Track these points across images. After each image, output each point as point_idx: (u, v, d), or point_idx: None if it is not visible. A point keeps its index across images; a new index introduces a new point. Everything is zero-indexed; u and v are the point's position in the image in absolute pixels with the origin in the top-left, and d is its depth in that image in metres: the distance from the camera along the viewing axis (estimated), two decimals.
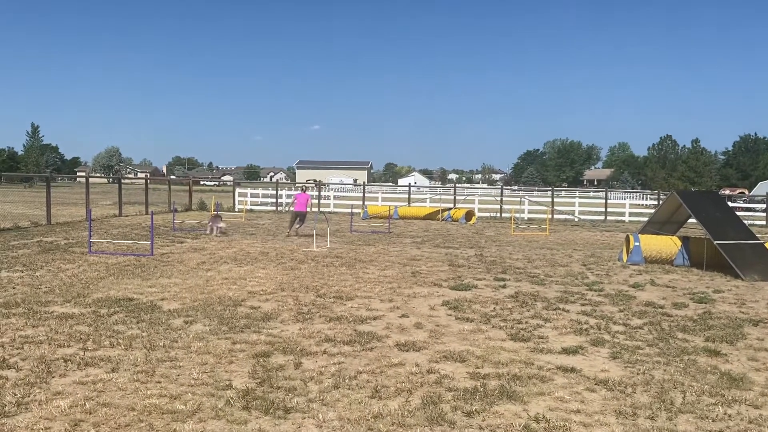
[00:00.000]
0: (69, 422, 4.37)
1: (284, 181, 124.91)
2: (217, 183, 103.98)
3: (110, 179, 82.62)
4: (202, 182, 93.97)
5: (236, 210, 30.67)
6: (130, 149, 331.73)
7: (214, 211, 23.96)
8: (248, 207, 31.63)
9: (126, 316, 7.47)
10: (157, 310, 7.89)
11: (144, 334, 6.72)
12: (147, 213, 25.53)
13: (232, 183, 43.37)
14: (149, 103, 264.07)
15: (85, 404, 4.68)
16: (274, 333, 6.90)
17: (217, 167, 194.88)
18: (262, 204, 34.19)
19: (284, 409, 4.69)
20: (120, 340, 6.41)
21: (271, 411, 4.64)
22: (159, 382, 5.22)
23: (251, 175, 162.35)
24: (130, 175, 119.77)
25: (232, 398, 4.87)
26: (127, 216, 24.96)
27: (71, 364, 5.64)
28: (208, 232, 18.13)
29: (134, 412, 4.56)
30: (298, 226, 18.48)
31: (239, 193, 34.05)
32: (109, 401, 4.76)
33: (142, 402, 4.75)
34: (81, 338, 6.48)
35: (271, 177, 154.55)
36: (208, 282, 9.99)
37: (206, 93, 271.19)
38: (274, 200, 33.45)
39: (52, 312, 7.63)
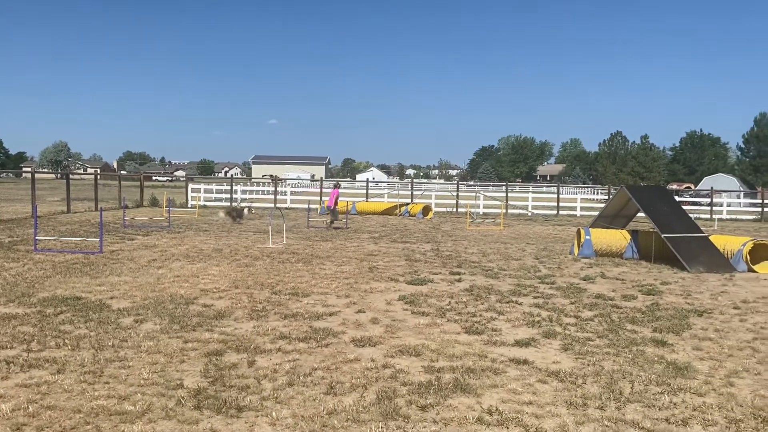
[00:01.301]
0: (11, 426, 4.21)
1: (239, 176, 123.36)
2: (169, 178, 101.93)
3: (58, 175, 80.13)
4: (154, 178, 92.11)
5: (189, 206, 30.14)
6: (79, 144, 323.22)
7: (166, 206, 23.47)
8: (202, 203, 31.12)
9: (73, 316, 7.25)
10: (106, 309, 7.68)
11: (92, 333, 6.53)
12: (96, 209, 24.85)
13: (185, 178, 42.58)
14: (99, 96, 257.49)
15: (28, 407, 4.52)
16: (227, 331, 6.80)
17: (170, 162, 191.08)
18: (216, 200, 33.68)
19: (237, 407, 4.62)
20: (66, 341, 6.21)
21: (223, 410, 4.57)
22: (107, 383, 5.08)
23: (205, 170, 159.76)
24: (79, 171, 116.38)
25: (183, 398, 4.77)
26: (75, 212, 24.25)
27: (14, 366, 5.43)
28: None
29: (80, 414, 4.43)
30: (329, 220, 19.60)
31: (192, 188, 33.46)
32: (53, 404, 4.61)
33: (88, 404, 4.62)
34: (25, 339, 6.25)
35: (226, 172, 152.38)
36: (159, 280, 9.78)
37: (158, 86, 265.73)
38: (228, 196, 32.99)
39: None
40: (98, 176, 31.99)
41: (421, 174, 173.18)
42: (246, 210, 21.35)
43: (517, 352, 6.24)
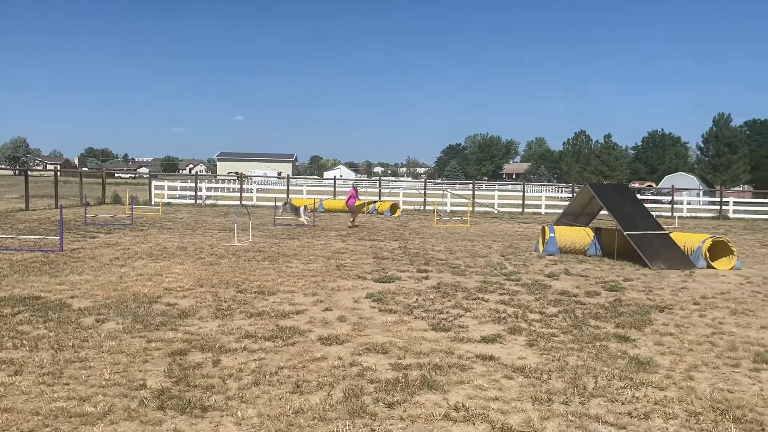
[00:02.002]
0: None
1: (204, 173, 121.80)
2: (132, 175, 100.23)
3: (16, 171, 78.00)
4: (116, 174, 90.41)
5: (153, 203, 29.64)
6: (38, 140, 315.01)
7: (129, 203, 23.04)
8: (165, 200, 30.62)
9: (32, 316, 7.06)
10: (67, 308, 7.50)
11: (51, 334, 6.37)
12: (57, 207, 24.26)
13: (148, 175, 41.84)
14: (59, 91, 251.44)
15: None
16: (191, 330, 6.69)
17: (133, 159, 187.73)
18: (180, 197, 33.19)
19: (201, 407, 4.55)
20: (24, 341, 6.04)
21: (187, 410, 4.50)
22: (67, 384, 4.96)
23: (169, 167, 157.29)
24: (38, 167, 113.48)
25: (146, 398, 4.68)
26: (34, 210, 23.63)
27: None
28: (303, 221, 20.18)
29: (39, 417, 4.31)
30: (351, 218, 20.35)
31: (156, 185, 32.91)
32: (11, 406, 4.48)
33: (47, 405, 4.50)
34: None
35: (191, 169, 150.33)
36: (121, 278, 9.59)
37: (122, 82, 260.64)
38: (193, 193, 32.54)
39: None
40: (58, 173, 31.24)
41: (389, 172, 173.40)
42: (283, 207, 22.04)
43: (483, 349, 6.28)
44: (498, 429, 4.33)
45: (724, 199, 34.59)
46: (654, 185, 61.84)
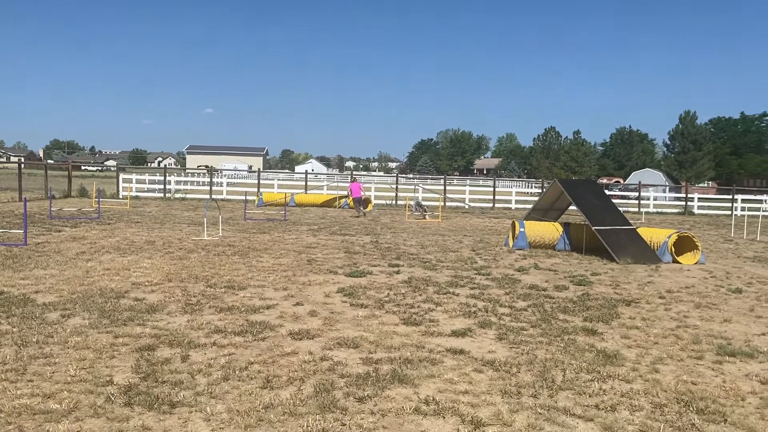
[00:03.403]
0: None
1: (173, 166, 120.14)
2: (99, 168, 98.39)
3: None
4: (83, 167, 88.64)
5: (120, 197, 29.16)
6: (1, 131, 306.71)
7: (95, 197, 22.61)
8: (134, 194, 30.14)
9: None
10: (31, 303, 7.33)
11: (15, 329, 6.22)
12: (20, 200, 23.70)
13: (116, 168, 41.11)
14: (24, 81, 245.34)
15: None
16: (159, 325, 6.60)
17: (100, 152, 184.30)
18: (149, 191, 32.69)
19: (170, 403, 4.50)
20: None
21: (155, 406, 4.44)
22: (31, 381, 4.85)
23: (137, 160, 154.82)
24: (1, 159, 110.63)
25: (112, 394, 4.61)
26: None
27: None
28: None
29: (1, 414, 4.21)
30: (363, 209, 22.12)
31: (124, 179, 32.35)
32: None
33: (10, 403, 4.40)
34: None
35: (159, 162, 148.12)
36: (88, 273, 9.42)
37: (88, 72, 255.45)
38: (162, 187, 32.08)
39: None
40: (22, 165, 30.50)
41: (361, 166, 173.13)
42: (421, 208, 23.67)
43: (453, 343, 6.32)
44: (468, 422, 4.36)
45: (690, 195, 35.35)
46: (621, 181, 62.85)
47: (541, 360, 5.81)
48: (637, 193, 35.03)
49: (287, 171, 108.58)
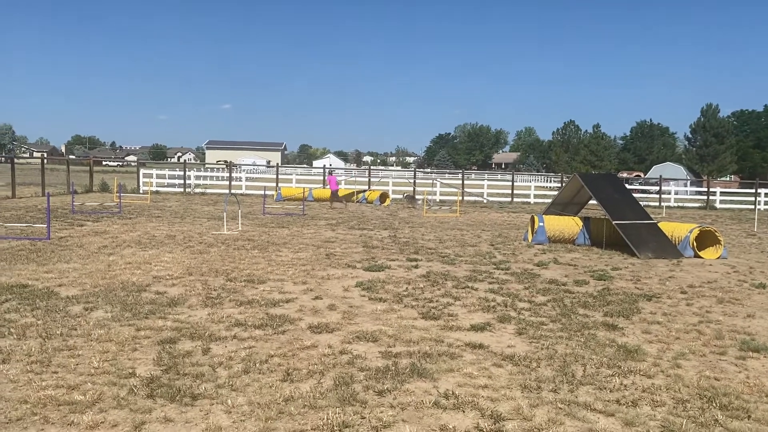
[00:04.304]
0: None
1: (193, 161, 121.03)
2: (120, 163, 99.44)
3: (2, 159, 77.17)
4: (104, 162, 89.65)
5: (141, 192, 29.46)
6: (24, 127, 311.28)
7: (117, 191, 22.87)
8: (154, 188, 30.44)
9: (19, 304, 7.00)
10: (54, 296, 7.44)
11: (39, 322, 6.32)
12: (43, 194, 24.04)
13: (136, 163, 41.50)
14: (46, 78, 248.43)
15: None
16: (181, 318, 6.67)
17: (121, 147, 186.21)
18: (169, 185, 32.98)
19: (191, 396, 4.54)
20: (12, 330, 6.00)
21: (177, 398, 4.48)
22: (55, 372, 4.93)
23: (158, 155, 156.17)
24: (24, 155, 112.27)
25: (135, 386, 4.67)
26: (21, 198, 23.42)
27: None
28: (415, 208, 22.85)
29: (27, 405, 4.29)
30: (345, 202, 23.06)
31: (144, 174, 32.68)
32: None
33: (36, 394, 4.47)
34: None
35: (179, 157, 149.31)
36: (110, 267, 9.53)
37: (109, 69, 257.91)
38: (182, 181, 32.34)
39: None
40: (45, 160, 30.93)
41: (379, 161, 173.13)
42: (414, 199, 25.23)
43: (472, 337, 6.30)
44: (488, 417, 4.35)
45: (711, 189, 34.85)
46: (642, 175, 62.17)
47: (561, 355, 5.78)
48: (657, 188, 34.65)
49: (305, 166, 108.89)
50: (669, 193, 34.65)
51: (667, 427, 4.28)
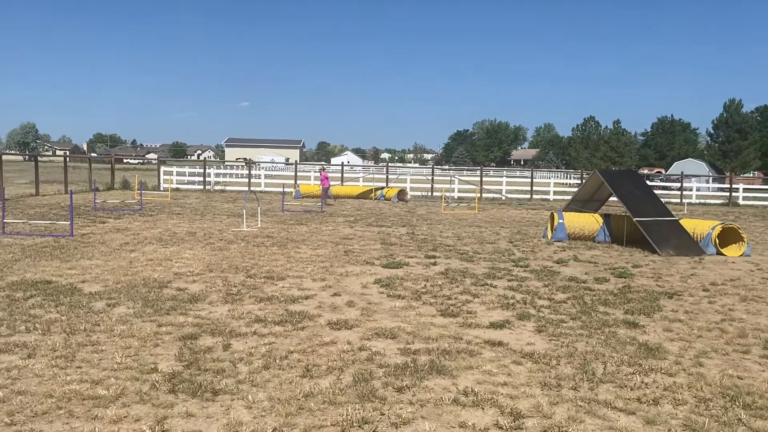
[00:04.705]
0: None
1: (213, 159, 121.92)
2: (141, 161, 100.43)
3: (26, 157, 78.35)
4: (125, 160, 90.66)
5: (162, 189, 29.75)
6: (47, 125, 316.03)
7: (138, 189, 23.11)
8: (174, 186, 30.71)
9: (44, 300, 7.12)
10: (78, 292, 7.56)
11: (63, 317, 6.42)
12: (66, 192, 24.38)
13: (157, 161, 41.88)
14: (68, 77, 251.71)
15: None
16: (201, 315, 6.74)
17: (141, 145, 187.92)
18: (189, 183, 33.26)
19: (212, 391, 4.59)
20: (37, 325, 6.11)
21: (198, 393, 4.54)
22: (79, 367, 5.01)
23: (177, 152, 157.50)
24: (47, 153, 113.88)
25: (157, 382, 4.73)
26: (44, 195, 23.77)
27: None
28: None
29: (52, 399, 4.36)
30: (333, 200, 22.94)
31: (164, 171, 32.98)
32: (24, 389, 4.54)
33: (60, 388, 4.55)
34: None
35: (199, 155, 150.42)
36: (131, 263, 9.65)
37: (129, 68, 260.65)
38: (201, 179, 32.60)
39: None
40: (68, 158, 31.36)
41: (396, 158, 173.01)
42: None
43: (491, 334, 6.29)
44: (507, 414, 4.34)
45: (734, 186, 34.34)
46: (663, 171, 61.49)
47: (581, 353, 5.75)
48: (679, 184, 34.22)
49: (323, 163, 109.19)
50: (691, 190, 34.21)
51: (690, 425, 4.24)
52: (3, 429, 3.94)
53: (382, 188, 28.22)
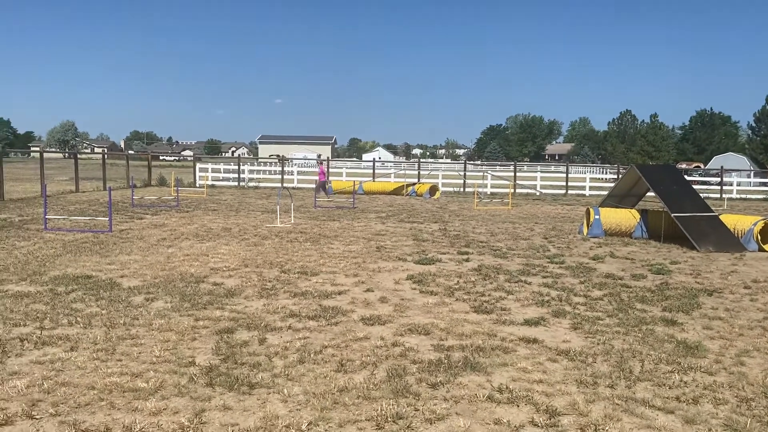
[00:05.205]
0: (26, 402, 4.26)
1: (246, 156, 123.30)
2: (177, 158, 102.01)
3: (66, 154, 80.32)
4: (161, 157, 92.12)
5: (197, 186, 30.19)
6: (86, 123, 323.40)
7: (174, 185, 23.51)
8: (210, 182, 31.15)
9: (84, 294, 7.30)
10: (117, 287, 7.73)
11: (103, 311, 6.58)
12: (105, 189, 24.93)
13: (192, 158, 42.51)
14: (106, 76, 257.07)
15: (42, 384, 4.57)
16: (237, 309, 6.83)
17: (177, 142, 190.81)
18: (224, 179, 33.70)
19: (249, 384, 4.66)
20: (78, 319, 6.26)
21: (235, 387, 4.60)
22: (120, 360, 5.13)
23: (212, 149, 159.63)
24: (86, 150, 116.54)
25: (195, 375, 4.81)
26: (84, 192, 24.35)
27: (28, 343, 5.49)
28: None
29: (94, 391, 4.47)
30: (329, 193, 23.40)
31: (200, 168, 33.48)
32: (68, 380, 4.66)
33: (102, 380, 4.66)
34: (38, 317, 6.31)
35: (233, 152, 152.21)
36: (169, 258, 9.83)
37: (165, 66, 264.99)
38: (236, 176, 32.99)
39: (6, 290, 7.41)
40: (106, 156, 32.04)
41: (428, 154, 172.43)
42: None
43: (526, 331, 6.24)
44: (543, 411, 4.31)
45: None
46: (702, 166, 60.08)
47: (617, 350, 5.67)
48: (718, 179, 33.42)
49: (355, 159, 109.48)
50: (731, 185, 33.38)
51: (731, 425, 4.15)
52: (48, 419, 4.05)
53: (414, 184, 28.19)
